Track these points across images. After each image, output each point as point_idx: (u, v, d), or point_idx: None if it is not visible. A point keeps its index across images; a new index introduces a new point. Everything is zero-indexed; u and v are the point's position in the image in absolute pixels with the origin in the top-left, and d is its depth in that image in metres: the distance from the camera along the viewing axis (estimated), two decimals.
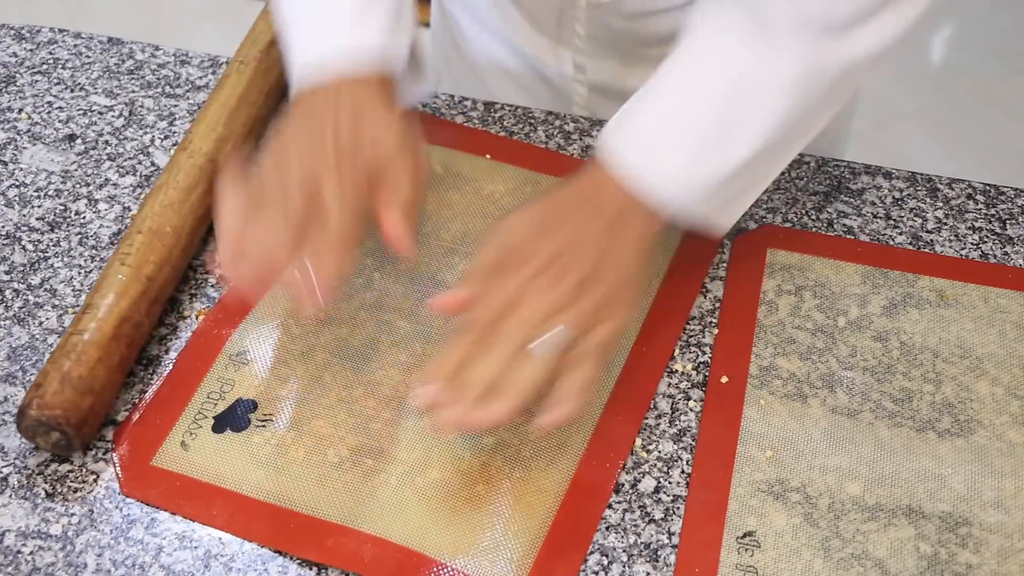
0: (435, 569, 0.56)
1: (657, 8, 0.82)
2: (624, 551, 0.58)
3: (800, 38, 0.59)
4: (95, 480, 0.61)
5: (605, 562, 0.58)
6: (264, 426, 0.63)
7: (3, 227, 0.75)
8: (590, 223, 0.61)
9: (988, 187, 0.80)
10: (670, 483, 0.61)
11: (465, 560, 0.57)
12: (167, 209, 0.69)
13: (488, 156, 0.80)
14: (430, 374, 0.58)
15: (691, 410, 0.65)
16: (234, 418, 0.63)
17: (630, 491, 0.61)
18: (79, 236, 0.74)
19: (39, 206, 0.77)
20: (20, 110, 0.84)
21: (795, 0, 0.58)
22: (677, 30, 0.84)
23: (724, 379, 0.66)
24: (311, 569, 0.57)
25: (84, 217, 0.76)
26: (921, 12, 0.61)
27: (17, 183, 0.78)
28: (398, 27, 0.68)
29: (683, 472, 0.62)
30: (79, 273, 0.72)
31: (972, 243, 0.75)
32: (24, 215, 0.76)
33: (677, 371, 0.67)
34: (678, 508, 0.60)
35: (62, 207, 0.77)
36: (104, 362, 0.61)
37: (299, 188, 0.61)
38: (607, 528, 0.59)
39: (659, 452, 0.63)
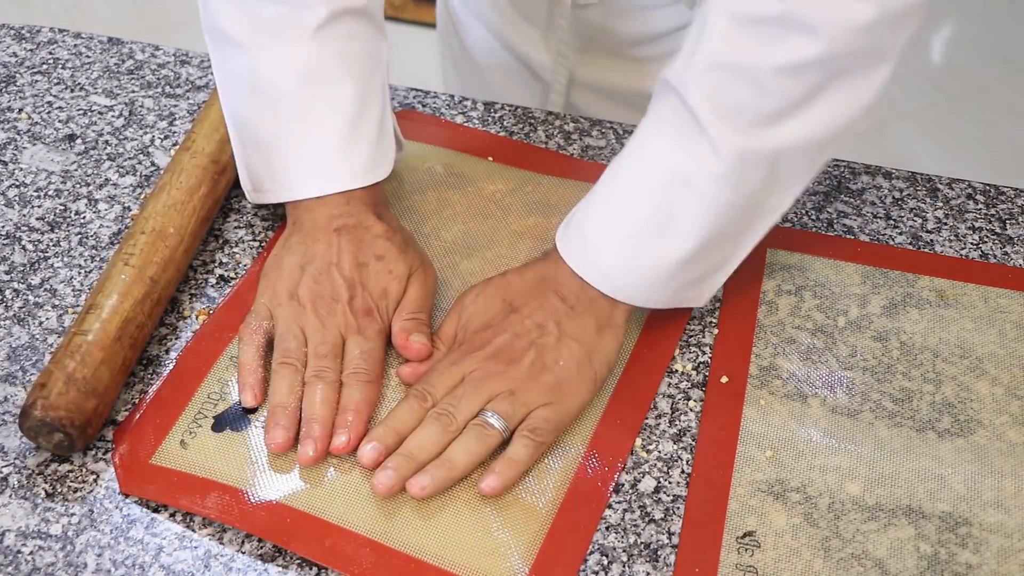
0: (435, 575, 0.56)
1: (637, 6, 0.82)
2: (624, 551, 0.58)
3: (728, 130, 0.59)
4: (95, 480, 0.61)
5: (605, 562, 0.58)
6: (263, 426, 0.63)
7: (3, 227, 0.75)
8: (548, 310, 0.64)
9: (988, 187, 0.80)
10: (670, 483, 0.61)
11: (465, 564, 0.56)
12: (170, 210, 0.69)
13: (491, 159, 0.80)
14: (375, 436, 0.60)
15: (691, 410, 0.65)
16: (234, 418, 0.63)
17: (630, 491, 0.61)
18: (79, 236, 0.74)
19: (39, 206, 0.77)
20: (20, 110, 0.84)
21: (723, 94, 0.58)
22: (658, 29, 0.85)
23: (724, 379, 0.66)
24: (311, 569, 0.57)
25: (84, 217, 0.76)
26: (858, 109, 0.59)
27: (17, 183, 0.78)
28: (383, 137, 0.70)
29: (683, 472, 0.62)
30: (79, 273, 0.72)
31: (972, 243, 0.75)
32: (24, 215, 0.76)
33: (677, 371, 0.67)
34: (678, 508, 0.60)
35: (62, 207, 0.77)
36: (108, 363, 0.61)
37: (334, 353, 0.64)
38: (607, 528, 0.59)
39: (659, 452, 0.63)
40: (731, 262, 0.65)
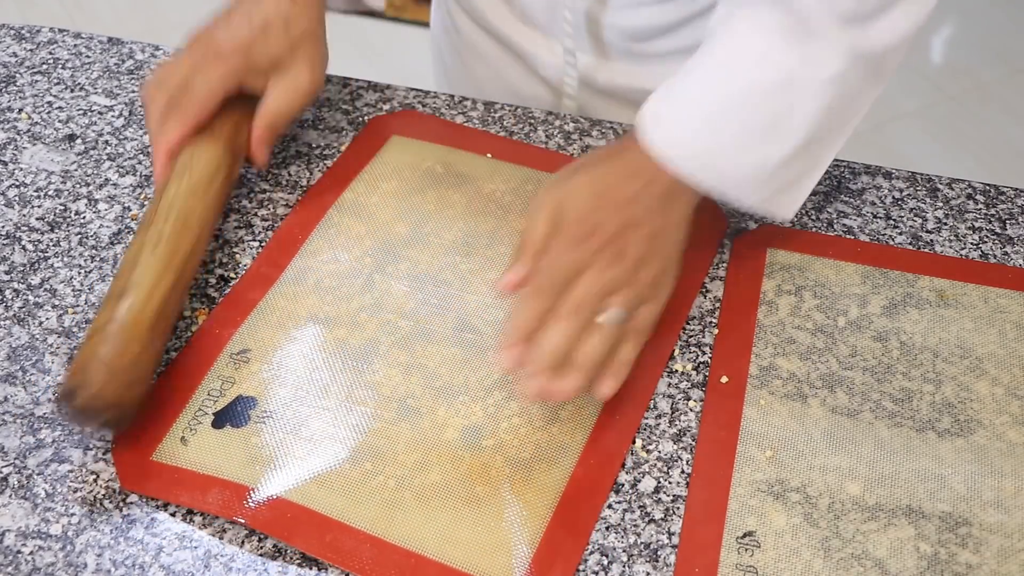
0: (438, 571, 0.56)
1: (644, 0, 0.82)
2: (624, 551, 0.58)
3: (837, 32, 0.60)
4: (95, 480, 0.61)
5: (605, 562, 0.58)
6: (263, 423, 0.63)
7: (3, 227, 0.75)
8: (645, 201, 0.63)
9: (988, 187, 0.80)
10: (670, 483, 0.61)
11: (464, 560, 0.57)
12: (191, 196, 0.69)
13: (489, 155, 0.80)
14: (508, 336, 0.61)
15: (691, 410, 0.65)
16: (234, 415, 0.63)
17: (630, 491, 0.61)
18: (79, 236, 0.74)
19: (39, 206, 0.77)
20: (20, 110, 0.84)
21: None
22: (663, 24, 0.84)
23: (724, 379, 0.66)
24: (311, 569, 0.57)
25: (84, 217, 0.76)
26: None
27: (17, 183, 0.78)
28: None
29: (683, 472, 0.62)
30: (79, 273, 0.72)
31: (972, 243, 0.75)
32: (24, 215, 0.76)
33: (677, 371, 0.67)
34: (678, 508, 0.60)
35: (62, 207, 0.77)
36: (148, 349, 0.62)
37: (178, 83, 0.72)
38: (607, 528, 0.59)
39: (659, 452, 0.63)
40: (819, 168, 0.67)
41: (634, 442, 0.63)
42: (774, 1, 0.61)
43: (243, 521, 0.58)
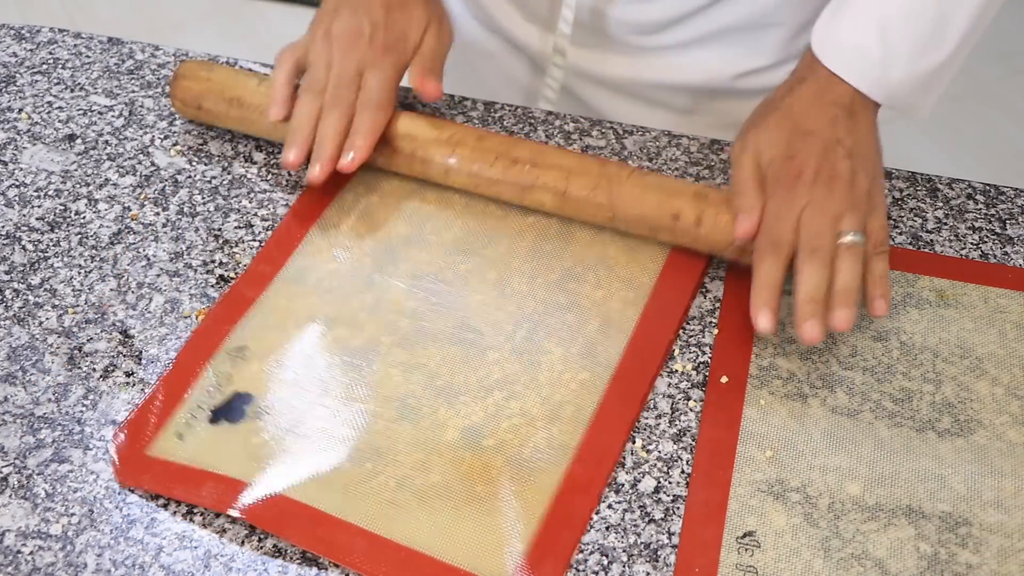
0: (429, 565, 0.56)
1: None
2: (624, 551, 0.58)
3: None
4: (95, 480, 0.61)
5: (605, 562, 0.58)
6: (260, 419, 0.63)
7: (3, 227, 0.75)
8: (833, 122, 0.67)
9: (988, 187, 0.80)
10: (670, 483, 0.61)
11: (457, 555, 0.57)
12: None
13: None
14: (761, 296, 0.64)
15: (691, 410, 0.65)
16: (230, 410, 0.63)
17: (630, 491, 0.61)
18: (79, 236, 0.74)
19: (39, 206, 0.77)
20: (20, 110, 0.84)
21: None
22: (669, 18, 0.85)
23: (724, 379, 0.66)
24: (311, 569, 0.57)
25: (84, 217, 0.76)
26: None
27: (17, 183, 0.78)
28: None
29: (683, 472, 0.62)
30: (79, 273, 0.72)
31: (972, 243, 0.75)
32: (24, 215, 0.76)
33: (677, 371, 0.67)
34: (678, 508, 0.60)
35: (62, 207, 0.77)
36: None
37: (352, 82, 0.74)
38: (607, 528, 0.59)
39: (659, 452, 0.63)
40: (960, 64, 0.70)
41: (634, 442, 0.63)
42: None
43: (236, 514, 0.58)
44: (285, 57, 0.76)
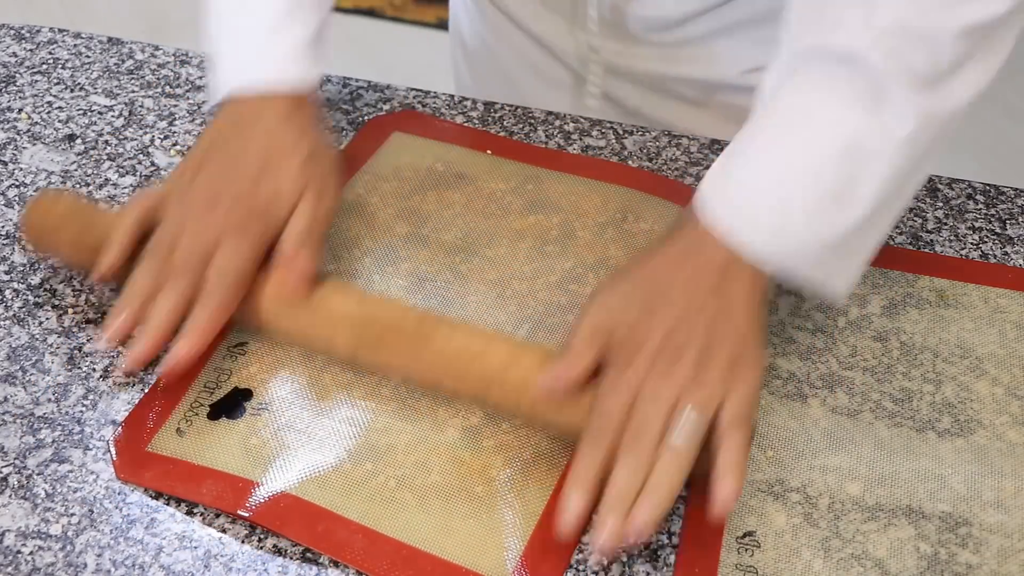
0: (429, 562, 0.56)
1: None
2: (624, 551, 0.58)
3: (910, 95, 0.57)
4: (95, 480, 0.61)
5: (605, 562, 0.58)
6: (259, 415, 0.63)
7: (3, 227, 0.75)
8: (695, 288, 0.59)
9: (988, 187, 0.80)
10: None
11: (456, 552, 0.57)
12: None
13: (489, 152, 0.80)
14: (572, 485, 0.56)
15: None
16: (230, 406, 0.63)
17: None
18: None
19: None
20: (20, 110, 0.84)
21: (902, 57, 0.57)
22: (686, 14, 0.84)
23: None
24: (311, 568, 0.57)
25: None
26: (1006, 51, 0.60)
27: (17, 183, 0.78)
28: (312, 54, 0.72)
29: None
30: (79, 273, 0.72)
31: (972, 243, 0.75)
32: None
33: None
34: (678, 508, 0.60)
35: None
36: None
37: (199, 259, 0.65)
38: None
39: None
40: (879, 236, 0.63)
41: None
42: (840, 62, 0.58)
43: (235, 511, 0.58)
44: (134, 207, 0.67)
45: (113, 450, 0.61)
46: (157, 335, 0.64)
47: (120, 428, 0.62)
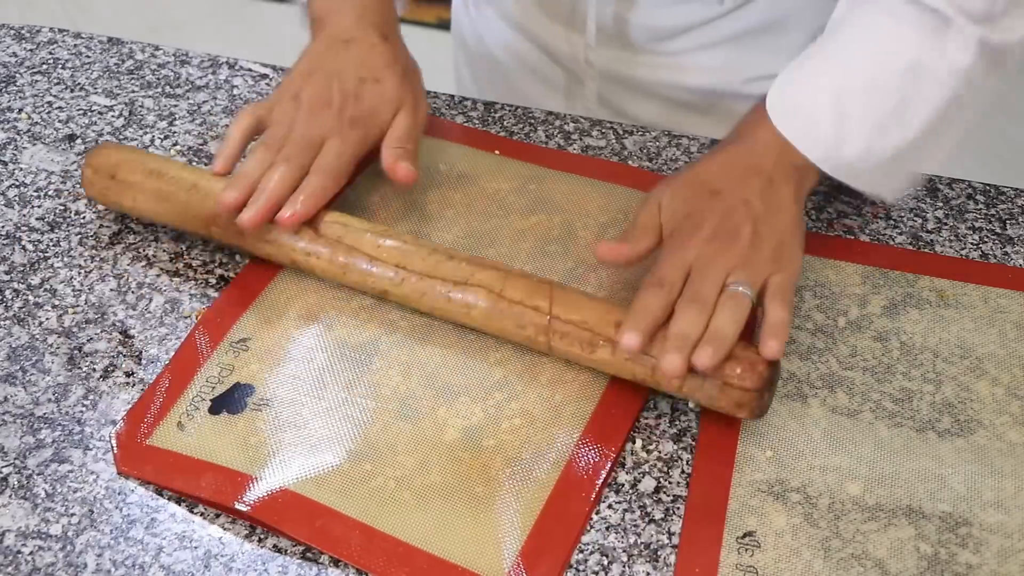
0: (426, 560, 0.56)
1: (659, 1, 0.83)
2: (624, 551, 0.58)
3: (968, 26, 0.62)
4: (95, 480, 0.61)
5: (605, 562, 0.58)
6: (260, 410, 0.63)
7: (3, 227, 0.75)
8: (747, 187, 0.65)
9: (988, 187, 0.80)
10: (670, 483, 0.61)
11: (453, 550, 0.57)
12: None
13: (497, 152, 0.80)
14: (630, 325, 0.60)
15: (691, 410, 0.65)
16: (231, 401, 0.64)
17: (630, 491, 0.61)
18: (79, 236, 0.74)
19: (39, 206, 0.77)
20: (20, 110, 0.85)
21: None
22: (681, 25, 0.85)
23: None
24: (311, 568, 0.57)
25: (84, 217, 0.76)
26: None
27: (17, 183, 0.78)
28: None
29: (683, 472, 0.62)
30: (79, 273, 0.72)
31: (972, 243, 0.75)
32: (24, 215, 0.76)
33: None
34: (678, 508, 0.60)
35: (62, 207, 0.77)
36: None
37: (310, 146, 0.70)
38: (607, 528, 0.59)
39: (659, 452, 0.63)
40: (931, 161, 0.69)
41: (634, 442, 0.63)
42: None
43: (234, 506, 0.58)
44: (246, 113, 0.72)
45: (114, 443, 0.61)
46: (272, 197, 0.68)
47: (122, 421, 0.63)
